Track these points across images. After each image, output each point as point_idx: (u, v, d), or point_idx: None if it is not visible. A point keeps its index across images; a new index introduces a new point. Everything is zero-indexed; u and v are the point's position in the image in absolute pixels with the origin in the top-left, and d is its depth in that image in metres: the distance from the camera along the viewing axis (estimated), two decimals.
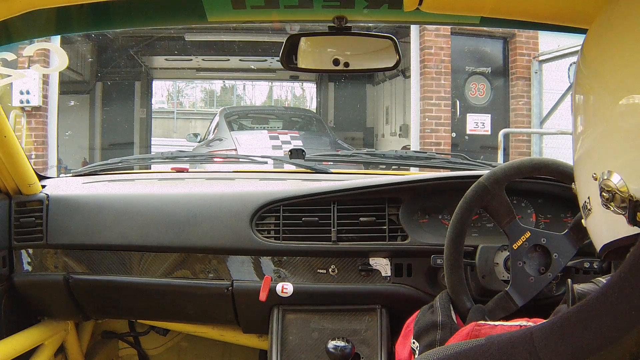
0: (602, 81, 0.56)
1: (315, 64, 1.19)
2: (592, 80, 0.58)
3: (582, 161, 0.59)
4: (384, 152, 1.99)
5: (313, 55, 1.17)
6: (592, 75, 0.58)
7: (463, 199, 1.16)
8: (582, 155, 0.59)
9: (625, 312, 0.45)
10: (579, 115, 0.60)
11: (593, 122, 0.57)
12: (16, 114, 5.67)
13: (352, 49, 1.17)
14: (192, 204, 1.49)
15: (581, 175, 0.59)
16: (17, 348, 1.47)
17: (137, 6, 1.13)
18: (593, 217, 0.58)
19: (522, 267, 1.16)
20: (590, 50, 0.60)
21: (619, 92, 0.53)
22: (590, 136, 0.57)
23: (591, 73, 0.58)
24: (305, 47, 1.16)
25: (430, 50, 6.24)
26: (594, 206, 0.57)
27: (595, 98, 0.57)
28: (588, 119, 0.58)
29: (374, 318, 1.42)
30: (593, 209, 0.57)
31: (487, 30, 6.22)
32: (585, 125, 0.58)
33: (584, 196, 0.59)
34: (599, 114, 0.56)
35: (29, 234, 1.51)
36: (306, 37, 1.15)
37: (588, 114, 0.58)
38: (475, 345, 0.52)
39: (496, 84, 6.53)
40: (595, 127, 0.56)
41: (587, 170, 0.57)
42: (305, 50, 1.16)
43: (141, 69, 8.87)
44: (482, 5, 0.87)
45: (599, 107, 0.56)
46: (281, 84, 14.85)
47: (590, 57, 0.59)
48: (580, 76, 0.60)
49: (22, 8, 0.91)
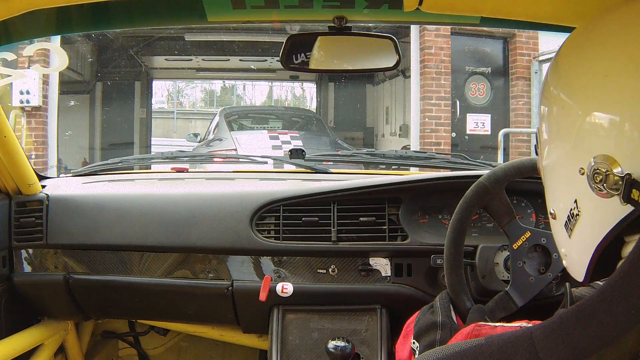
0: (573, 94, 0.58)
1: (316, 64, 1.19)
2: (563, 92, 0.59)
3: (559, 166, 0.59)
4: (384, 152, 1.99)
5: (313, 55, 1.17)
6: (564, 87, 0.59)
7: (463, 199, 1.16)
8: (557, 160, 0.60)
9: (625, 311, 0.45)
10: (547, 122, 0.61)
11: (564, 126, 0.58)
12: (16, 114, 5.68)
13: (352, 49, 1.17)
14: (192, 204, 1.49)
15: (560, 179, 0.60)
16: (17, 348, 1.47)
17: (137, 6, 1.14)
18: (582, 221, 0.57)
19: (522, 267, 1.16)
20: (566, 60, 0.61)
21: (589, 105, 0.55)
22: (565, 138, 0.58)
23: (563, 84, 0.59)
24: (305, 47, 1.16)
25: (430, 50, 6.24)
26: (582, 205, 0.56)
27: (563, 109, 0.58)
28: (559, 124, 0.59)
29: (374, 318, 1.42)
30: (582, 208, 0.57)
31: (487, 30, 6.22)
32: (560, 127, 0.59)
33: (569, 204, 0.58)
34: (568, 122, 0.57)
35: (29, 234, 1.51)
36: (306, 37, 1.15)
37: (558, 122, 0.59)
38: (475, 345, 0.52)
39: (496, 84, 6.53)
40: (568, 129, 0.57)
41: (568, 171, 0.57)
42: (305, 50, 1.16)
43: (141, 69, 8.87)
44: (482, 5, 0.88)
45: (567, 117, 0.57)
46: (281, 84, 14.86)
47: (565, 67, 0.60)
48: (551, 85, 0.61)
49: (22, 8, 0.91)
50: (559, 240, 0.65)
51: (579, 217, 0.58)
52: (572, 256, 0.62)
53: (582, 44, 0.60)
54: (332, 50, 1.17)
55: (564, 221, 0.61)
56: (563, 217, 0.61)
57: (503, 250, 1.29)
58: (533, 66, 6.40)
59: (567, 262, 0.64)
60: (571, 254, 0.62)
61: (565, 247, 0.63)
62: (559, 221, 0.62)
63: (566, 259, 0.64)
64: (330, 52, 1.17)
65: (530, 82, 6.42)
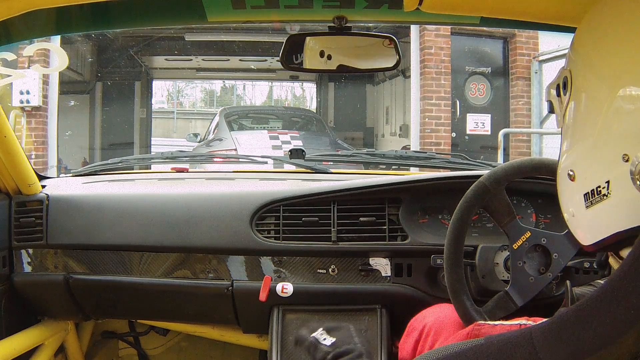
0: (601, 73, 0.57)
1: (315, 64, 1.19)
2: (590, 73, 0.58)
3: (600, 146, 0.56)
4: (384, 152, 1.99)
5: (313, 55, 1.17)
6: (588, 68, 0.58)
7: (463, 199, 1.16)
8: (597, 141, 0.57)
9: (625, 311, 0.45)
10: (581, 105, 0.60)
11: (595, 110, 0.57)
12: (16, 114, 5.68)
13: (352, 49, 1.17)
14: (192, 204, 1.49)
15: (599, 160, 0.57)
16: (17, 348, 1.47)
17: (137, 6, 1.14)
18: (608, 203, 0.55)
19: (522, 267, 1.16)
20: (583, 45, 0.61)
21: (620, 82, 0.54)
22: (607, 120, 0.56)
23: (586, 66, 0.59)
24: (305, 47, 1.16)
25: (430, 50, 6.24)
26: (615, 190, 0.54)
27: (595, 90, 0.58)
28: (592, 107, 0.58)
29: (374, 318, 1.42)
30: (613, 193, 0.54)
31: (487, 30, 6.22)
32: (593, 112, 0.58)
33: (597, 181, 0.56)
34: (599, 103, 0.57)
35: (29, 234, 1.51)
36: (306, 37, 1.15)
37: (591, 104, 0.58)
38: (474, 345, 0.52)
39: (496, 84, 6.53)
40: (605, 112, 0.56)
41: (609, 153, 0.55)
42: (305, 50, 1.16)
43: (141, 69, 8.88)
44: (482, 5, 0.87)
45: (599, 96, 0.57)
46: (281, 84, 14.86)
47: (584, 51, 0.60)
48: (575, 70, 0.61)
49: (22, 8, 0.91)
50: (569, 200, 0.63)
51: (605, 198, 0.56)
52: (581, 222, 0.61)
53: (595, 25, 0.59)
54: (332, 50, 1.17)
55: (585, 189, 0.59)
56: (585, 186, 0.59)
57: (503, 250, 1.29)
58: (533, 66, 6.40)
59: (572, 223, 0.64)
60: (581, 221, 0.61)
61: (576, 211, 0.61)
62: (577, 185, 0.60)
63: (572, 220, 0.63)
64: (330, 52, 1.17)
65: (530, 82, 6.42)
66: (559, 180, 0.66)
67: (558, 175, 0.67)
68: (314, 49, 1.17)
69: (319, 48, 1.17)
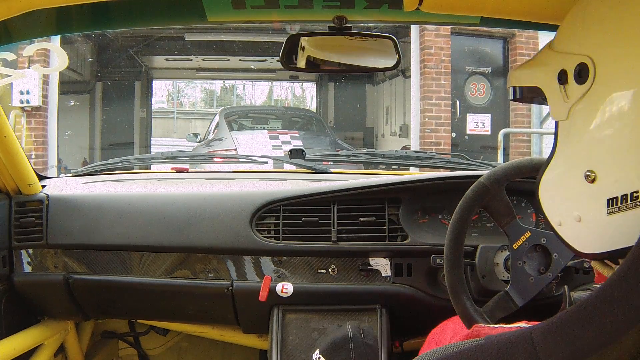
0: None
1: (315, 64, 1.19)
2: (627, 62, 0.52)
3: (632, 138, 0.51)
4: (384, 152, 1.99)
5: (313, 55, 1.17)
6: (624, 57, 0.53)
7: (463, 199, 1.16)
8: (634, 141, 0.51)
9: (625, 311, 0.45)
10: (611, 98, 0.54)
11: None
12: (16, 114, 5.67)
13: (352, 49, 1.17)
14: (192, 204, 1.49)
15: (628, 154, 0.52)
16: (17, 348, 1.47)
17: (137, 6, 1.14)
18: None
19: (522, 267, 1.16)
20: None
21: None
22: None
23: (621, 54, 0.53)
24: (305, 47, 1.16)
25: (430, 50, 6.24)
26: None
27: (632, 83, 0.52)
28: (628, 102, 0.52)
29: (374, 318, 1.42)
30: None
31: (487, 30, 6.22)
32: (629, 108, 0.52)
33: (630, 184, 0.51)
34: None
35: (29, 234, 1.51)
36: (306, 37, 1.15)
37: (625, 99, 0.52)
38: (474, 345, 0.52)
39: (496, 84, 6.53)
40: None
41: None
42: (305, 50, 1.16)
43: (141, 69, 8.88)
44: (482, 5, 0.87)
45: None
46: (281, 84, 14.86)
47: (614, 38, 0.55)
48: (599, 58, 0.55)
49: (22, 8, 0.91)
50: (575, 203, 0.57)
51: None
52: (590, 229, 0.56)
53: (579, 21, 0.56)
54: (332, 50, 1.17)
55: (611, 194, 0.53)
56: (614, 190, 0.53)
57: (503, 250, 1.30)
58: None
59: (573, 228, 0.58)
60: (591, 227, 0.56)
61: (588, 217, 0.56)
62: (599, 188, 0.54)
63: (575, 225, 0.58)
64: (330, 52, 1.17)
65: None
66: (556, 181, 0.61)
67: (549, 179, 0.62)
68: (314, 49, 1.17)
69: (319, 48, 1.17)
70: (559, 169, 0.61)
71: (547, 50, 0.63)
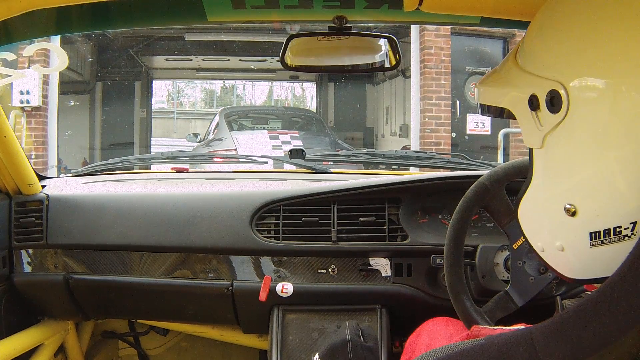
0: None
1: (315, 64, 1.19)
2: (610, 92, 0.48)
3: (621, 182, 0.48)
4: (384, 152, 1.99)
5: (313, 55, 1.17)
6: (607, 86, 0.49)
7: (463, 199, 1.16)
8: (615, 175, 0.48)
9: (625, 311, 0.45)
10: (587, 129, 0.50)
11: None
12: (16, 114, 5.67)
13: (352, 49, 1.17)
14: (192, 204, 1.49)
15: (620, 197, 0.49)
16: (17, 348, 1.47)
17: (137, 6, 1.13)
18: (629, 244, 0.48)
19: (522, 267, 1.16)
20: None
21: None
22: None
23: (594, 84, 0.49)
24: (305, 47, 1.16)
25: (430, 50, 6.24)
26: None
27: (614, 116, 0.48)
28: (606, 134, 0.49)
29: (374, 318, 1.42)
30: (638, 234, 0.48)
31: (487, 30, 6.21)
32: (607, 140, 0.49)
33: (617, 221, 0.49)
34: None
35: (29, 234, 1.51)
36: (306, 37, 1.15)
37: (603, 131, 0.49)
38: (475, 345, 0.52)
39: None
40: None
41: (626, 182, 0.47)
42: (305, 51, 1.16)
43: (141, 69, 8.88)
44: (482, 5, 0.87)
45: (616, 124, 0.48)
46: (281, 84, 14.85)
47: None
48: (574, 86, 0.51)
49: (22, 8, 0.91)
50: (558, 234, 0.55)
51: (627, 239, 0.49)
52: (572, 258, 0.55)
53: (547, 22, 0.54)
54: (332, 50, 1.17)
55: (593, 228, 0.51)
56: (595, 224, 0.50)
57: (503, 250, 1.30)
58: None
59: (555, 256, 0.56)
60: (573, 257, 0.54)
61: (570, 247, 0.54)
62: (580, 222, 0.52)
63: (557, 254, 0.55)
64: (330, 52, 1.17)
65: None
66: (533, 213, 0.57)
67: (527, 207, 0.58)
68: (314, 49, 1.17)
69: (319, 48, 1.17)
70: (538, 198, 0.58)
71: (515, 68, 0.58)
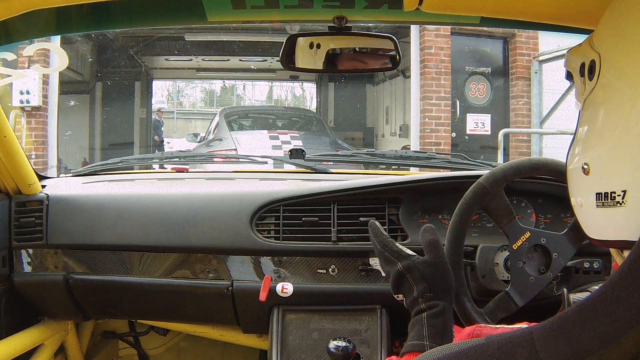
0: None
1: (315, 64, 1.19)
2: (620, 66, 0.54)
3: (621, 151, 0.53)
4: (384, 152, 1.98)
5: (313, 56, 1.17)
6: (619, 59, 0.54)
7: (462, 200, 1.16)
8: (618, 145, 0.53)
9: (625, 311, 0.45)
10: (606, 100, 0.55)
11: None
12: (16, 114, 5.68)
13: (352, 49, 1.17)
14: (192, 204, 1.49)
15: (617, 164, 0.53)
16: (17, 348, 1.47)
17: (137, 6, 1.13)
18: (621, 212, 0.53)
19: (522, 267, 1.16)
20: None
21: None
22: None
23: (617, 57, 0.55)
24: (305, 47, 1.16)
25: (430, 50, 6.25)
26: (629, 200, 0.52)
27: (621, 89, 0.54)
28: (617, 106, 0.54)
29: (374, 318, 1.42)
30: (627, 203, 0.52)
31: (487, 30, 6.22)
32: (617, 112, 0.54)
33: (613, 186, 0.53)
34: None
35: (29, 234, 1.51)
36: (306, 37, 1.15)
37: (616, 103, 0.54)
38: (475, 345, 0.52)
39: (496, 84, 6.53)
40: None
41: (630, 161, 0.51)
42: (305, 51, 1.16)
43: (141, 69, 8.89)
44: (482, 5, 0.87)
45: (624, 96, 0.53)
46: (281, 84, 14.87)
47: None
48: (605, 57, 0.56)
49: (22, 8, 0.91)
50: (579, 190, 0.59)
51: (619, 206, 0.53)
52: (589, 216, 0.58)
53: (617, 24, 0.55)
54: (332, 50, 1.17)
55: (598, 189, 0.55)
56: (600, 185, 0.55)
57: (503, 250, 1.29)
58: (533, 66, 6.40)
59: (580, 212, 0.60)
60: (589, 214, 0.58)
61: (586, 204, 0.58)
62: (590, 181, 0.56)
63: (580, 210, 0.60)
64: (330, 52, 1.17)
65: (530, 82, 6.42)
66: (569, 167, 0.63)
67: (569, 160, 0.63)
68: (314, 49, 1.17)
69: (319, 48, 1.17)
70: (574, 155, 0.63)
71: (586, 40, 0.64)
